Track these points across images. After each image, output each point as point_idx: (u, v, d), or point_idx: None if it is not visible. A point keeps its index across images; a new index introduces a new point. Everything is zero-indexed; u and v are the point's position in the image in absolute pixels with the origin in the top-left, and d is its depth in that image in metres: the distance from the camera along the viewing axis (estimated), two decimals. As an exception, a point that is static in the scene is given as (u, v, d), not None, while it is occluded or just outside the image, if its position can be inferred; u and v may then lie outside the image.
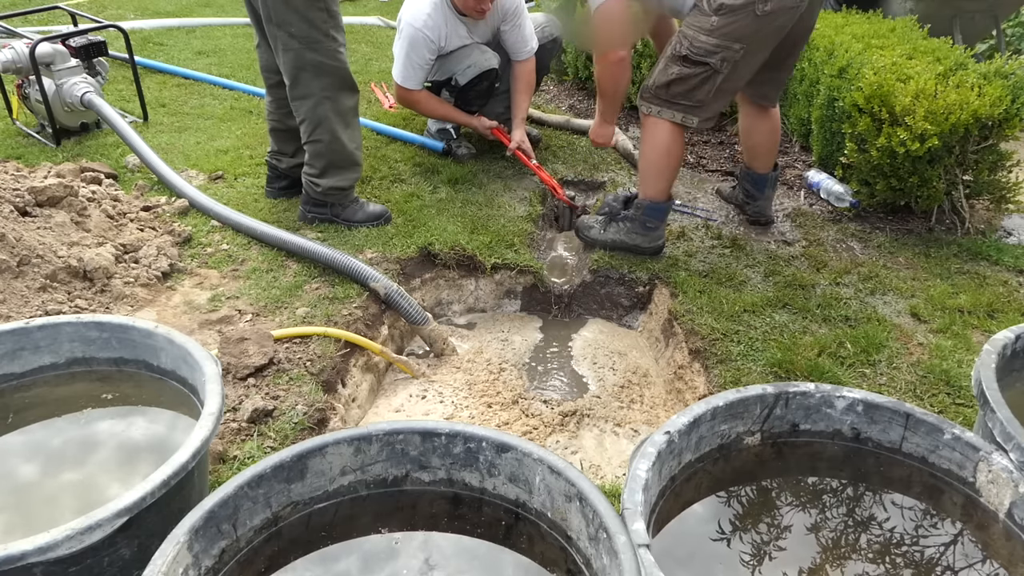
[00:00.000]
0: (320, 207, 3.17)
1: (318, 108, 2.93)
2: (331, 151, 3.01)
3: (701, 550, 1.45)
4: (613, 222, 3.14)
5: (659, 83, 2.83)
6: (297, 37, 2.80)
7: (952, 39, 3.83)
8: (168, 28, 5.98)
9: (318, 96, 2.91)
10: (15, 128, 3.97)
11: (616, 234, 3.12)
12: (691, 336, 2.65)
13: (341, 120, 2.98)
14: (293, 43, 2.81)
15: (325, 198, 3.13)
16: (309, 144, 3.02)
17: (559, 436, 2.45)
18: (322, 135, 2.98)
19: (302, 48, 2.82)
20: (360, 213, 3.18)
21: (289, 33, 2.79)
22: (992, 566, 1.40)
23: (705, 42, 2.69)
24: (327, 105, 2.93)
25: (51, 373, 1.82)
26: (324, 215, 3.18)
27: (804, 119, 3.92)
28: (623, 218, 3.12)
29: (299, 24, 2.77)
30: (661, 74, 2.83)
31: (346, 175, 3.10)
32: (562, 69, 5.10)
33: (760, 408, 1.58)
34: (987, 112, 2.96)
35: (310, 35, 2.80)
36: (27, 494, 1.58)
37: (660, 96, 2.85)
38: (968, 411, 2.26)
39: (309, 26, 2.78)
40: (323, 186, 3.08)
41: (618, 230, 3.12)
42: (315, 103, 2.92)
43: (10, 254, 2.44)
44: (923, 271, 3.04)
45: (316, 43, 2.82)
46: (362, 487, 1.46)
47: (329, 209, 3.17)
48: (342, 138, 3.00)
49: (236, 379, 2.27)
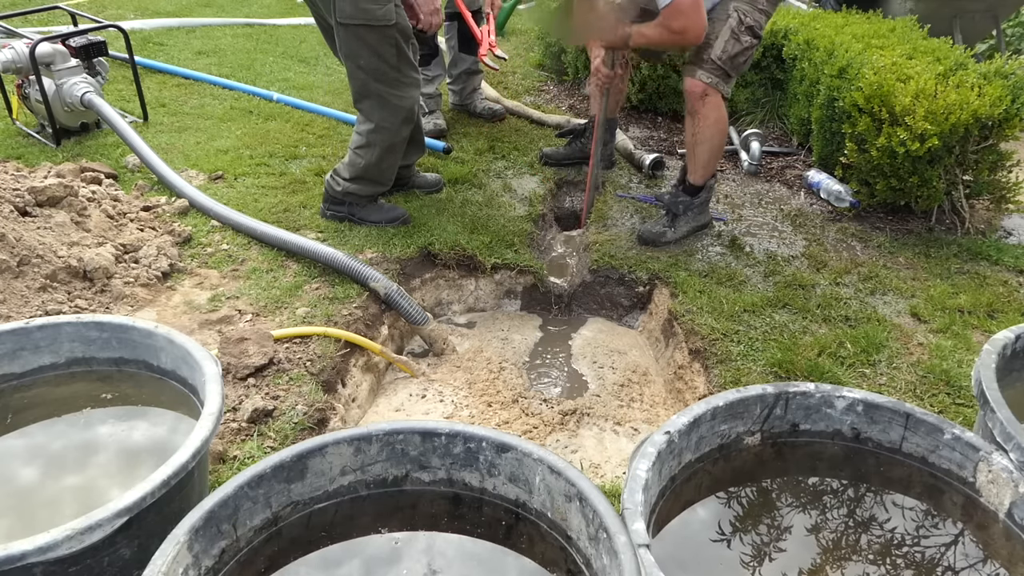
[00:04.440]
0: (338, 205, 3.21)
1: (374, 134, 3.00)
2: (367, 168, 3.08)
3: (701, 550, 1.45)
4: (686, 213, 3.23)
5: (731, 53, 2.93)
6: (364, 69, 2.85)
7: (952, 39, 3.82)
8: (168, 28, 5.98)
9: (377, 124, 2.97)
10: (15, 128, 3.97)
11: (687, 224, 3.25)
12: (691, 336, 2.65)
13: (390, 149, 3.06)
14: (360, 73, 2.87)
15: (344, 198, 3.17)
16: (353, 153, 3.09)
17: (559, 435, 2.45)
18: (367, 155, 3.05)
19: (368, 79, 2.88)
20: (377, 214, 3.21)
21: (357, 65, 2.85)
22: (992, 566, 1.40)
23: (759, 18, 2.92)
24: (383, 135, 2.99)
25: (51, 373, 1.82)
26: (342, 213, 3.22)
27: (804, 119, 3.92)
28: (692, 207, 3.23)
29: (368, 58, 2.83)
30: (731, 44, 2.93)
31: (371, 189, 3.17)
32: (562, 69, 5.09)
33: (760, 408, 1.57)
34: (987, 112, 2.97)
35: (378, 68, 2.85)
36: (26, 493, 1.58)
37: (727, 66, 2.95)
38: (968, 411, 2.26)
39: (378, 60, 2.83)
40: (343, 188, 3.14)
41: (688, 220, 3.24)
42: (373, 128, 2.98)
43: (10, 254, 2.44)
44: (923, 271, 3.04)
45: (383, 75, 2.87)
46: (362, 487, 1.46)
47: (347, 208, 3.20)
48: (383, 165, 3.09)
49: (236, 379, 2.26)
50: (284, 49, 5.62)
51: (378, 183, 3.17)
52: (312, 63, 5.35)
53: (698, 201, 3.23)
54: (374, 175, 3.12)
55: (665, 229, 3.23)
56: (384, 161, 3.08)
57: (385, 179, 3.18)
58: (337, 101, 4.57)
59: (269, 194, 3.41)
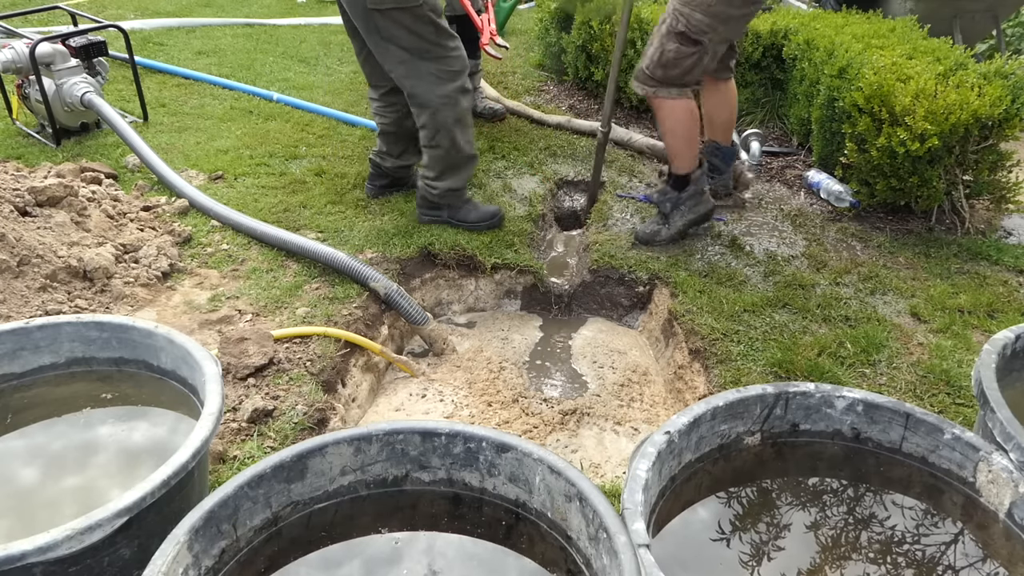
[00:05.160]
0: (436, 210, 3.21)
1: (437, 115, 2.96)
2: (448, 155, 3.06)
3: (701, 550, 1.45)
4: (675, 210, 3.17)
5: (657, 62, 2.89)
6: (408, 49, 2.84)
7: (952, 39, 3.82)
8: (168, 28, 5.98)
9: (436, 104, 2.94)
10: (15, 128, 3.97)
11: (683, 218, 3.17)
12: (691, 336, 2.65)
13: (459, 124, 3.02)
14: (404, 55, 2.86)
15: (441, 200, 3.16)
16: (428, 149, 3.06)
17: (559, 435, 2.45)
18: (442, 140, 3.01)
19: (414, 59, 2.86)
20: (474, 214, 3.21)
21: (400, 46, 2.84)
22: (992, 566, 1.40)
23: (701, 21, 2.77)
24: (446, 112, 2.96)
25: (51, 373, 1.82)
26: (440, 217, 3.22)
27: (804, 119, 3.92)
28: (681, 201, 3.16)
29: (408, 38, 2.82)
30: (656, 52, 2.89)
31: (461, 175, 3.15)
32: (562, 69, 5.09)
33: (760, 408, 1.57)
34: (987, 112, 2.96)
35: (420, 46, 2.84)
36: (26, 493, 1.58)
37: (655, 76, 2.92)
38: (968, 411, 2.26)
39: (418, 38, 2.83)
40: (440, 189, 3.12)
41: (682, 214, 3.17)
42: (434, 111, 2.95)
43: (10, 254, 2.44)
44: (923, 271, 3.04)
45: (427, 52, 2.86)
46: (362, 487, 1.46)
47: (445, 211, 3.20)
48: (459, 142, 3.05)
49: (236, 379, 2.26)
50: (284, 49, 5.62)
51: (465, 163, 3.12)
52: (312, 63, 5.35)
53: (686, 195, 3.16)
54: (457, 158, 3.08)
55: (659, 227, 3.21)
56: (460, 138, 3.03)
57: (469, 154, 3.12)
58: (337, 101, 4.57)
59: (269, 194, 3.41)
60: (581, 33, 4.61)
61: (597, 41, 4.48)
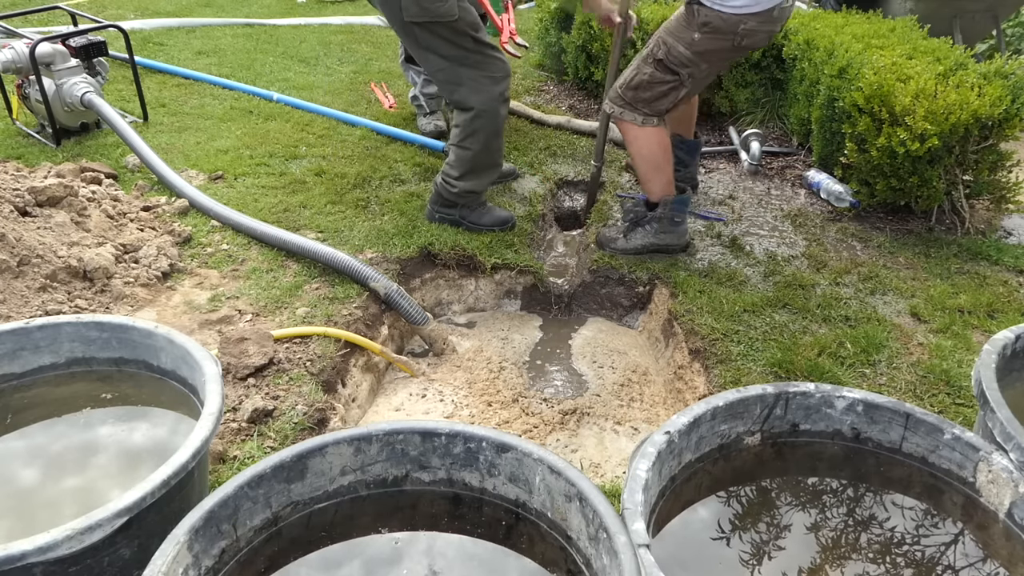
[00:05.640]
0: (449, 208, 3.20)
1: (475, 121, 2.97)
2: (476, 158, 3.06)
3: (701, 550, 1.45)
4: (638, 227, 3.11)
5: (627, 82, 2.89)
6: (447, 57, 2.86)
7: (952, 39, 3.82)
8: (168, 28, 5.98)
9: (476, 110, 2.94)
10: (15, 128, 3.97)
11: (644, 238, 3.10)
12: (691, 336, 2.65)
13: (494, 133, 3.03)
14: (443, 63, 2.88)
15: (457, 199, 3.16)
16: (456, 148, 3.06)
17: (559, 434, 2.45)
18: (473, 144, 3.02)
19: (454, 66, 2.88)
20: (487, 217, 3.21)
21: (439, 55, 2.86)
22: (992, 566, 1.40)
23: (682, 54, 2.78)
24: (484, 119, 2.96)
25: (51, 373, 1.82)
26: (451, 216, 3.21)
27: (804, 119, 3.92)
28: (649, 220, 3.09)
29: (447, 47, 2.84)
30: (632, 73, 2.89)
31: (483, 179, 3.15)
32: (562, 69, 5.09)
33: (760, 408, 1.57)
34: (987, 112, 2.96)
35: (459, 55, 2.86)
36: (27, 493, 1.58)
37: (625, 97, 2.92)
38: (968, 411, 2.26)
39: (456, 48, 2.84)
40: (460, 188, 3.11)
41: (645, 234, 3.10)
42: (473, 116, 2.96)
43: (10, 254, 2.44)
44: (923, 271, 3.04)
45: (466, 59, 2.87)
46: (362, 487, 1.46)
47: (458, 211, 3.20)
48: (491, 148, 3.05)
49: (236, 379, 2.27)
50: (284, 49, 5.62)
51: (489, 169, 3.13)
52: (312, 63, 5.35)
53: (653, 216, 3.06)
54: (484, 163, 3.08)
55: (618, 236, 3.16)
56: (491, 145, 3.04)
57: (496, 162, 3.13)
58: (337, 101, 4.57)
59: (269, 194, 3.41)
60: (581, 33, 4.61)
61: (597, 41, 4.48)
